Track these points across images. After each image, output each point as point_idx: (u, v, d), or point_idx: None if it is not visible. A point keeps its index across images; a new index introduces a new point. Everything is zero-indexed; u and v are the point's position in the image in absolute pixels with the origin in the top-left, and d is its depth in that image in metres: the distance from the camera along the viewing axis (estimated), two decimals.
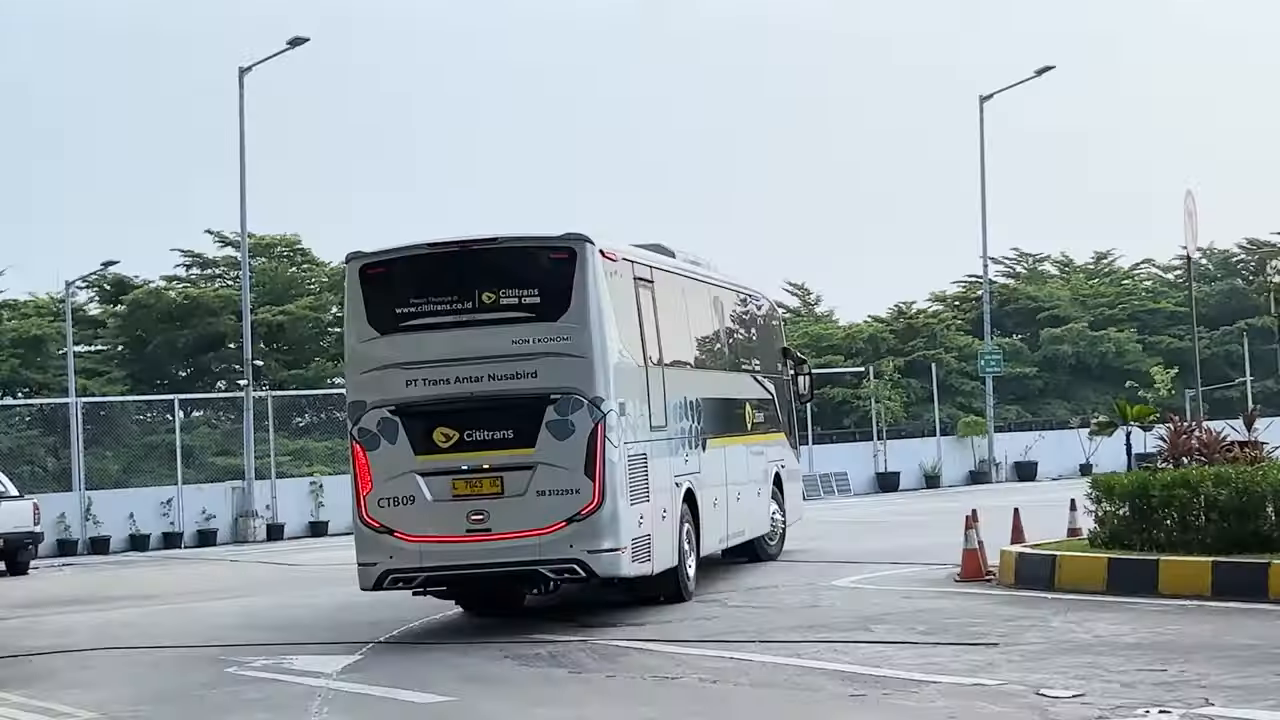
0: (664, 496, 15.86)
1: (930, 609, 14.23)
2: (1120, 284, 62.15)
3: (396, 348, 14.84)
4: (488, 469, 14.48)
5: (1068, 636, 11.92)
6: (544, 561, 14.49)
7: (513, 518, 14.40)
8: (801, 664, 11.28)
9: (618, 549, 14.50)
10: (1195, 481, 14.78)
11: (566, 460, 14.40)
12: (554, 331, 14.58)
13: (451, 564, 14.62)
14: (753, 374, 20.84)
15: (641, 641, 13.07)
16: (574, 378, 14.49)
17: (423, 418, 14.66)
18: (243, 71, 37.11)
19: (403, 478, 14.62)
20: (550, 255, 14.85)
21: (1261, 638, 11.25)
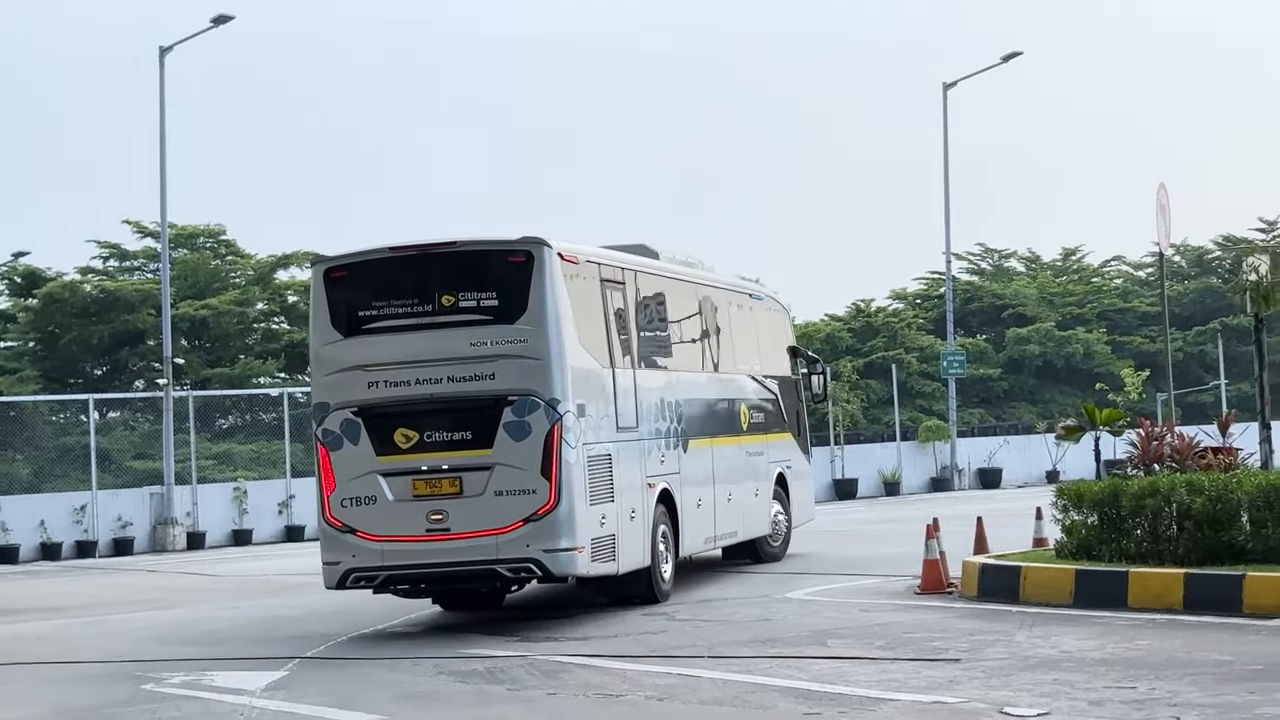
0: (633, 497, 16.66)
1: (889, 623, 14.26)
2: (1089, 282, 62.54)
3: (359, 350, 15.71)
4: (447, 469, 15.33)
5: (1033, 652, 11.96)
6: (501, 561, 15.27)
7: (471, 518, 15.23)
8: (753, 680, 11.28)
9: (574, 548, 15.26)
10: (1167, 489, 14.85)
11: (523, 461, 15.21)
12: (511, 334, 15.40)
13: (411, 563, 15.47)
14: (751, 374, 21.48)
15: (585, 657, 13.05)
16: (530, 379, 15.31)
17: (384, 419, 15.52)
18: (163, 51, 36.85)
19: (365, 478, 15.50)
20: (508, 258, 15.62)
21: (1235, 654, 11.31)
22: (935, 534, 16.74)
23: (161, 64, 36.85)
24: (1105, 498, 15.38)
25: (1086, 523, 15.65)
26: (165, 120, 36.83)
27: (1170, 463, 16.38)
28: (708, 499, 19.06)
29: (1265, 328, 19.39)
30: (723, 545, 20.28)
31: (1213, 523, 14.48)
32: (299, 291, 49.59)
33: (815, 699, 10.38)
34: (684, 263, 20.16)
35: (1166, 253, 21.27)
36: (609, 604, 16.98)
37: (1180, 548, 14.62)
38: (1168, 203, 19.82)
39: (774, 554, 21.79)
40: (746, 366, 21.39)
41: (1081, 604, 14.53)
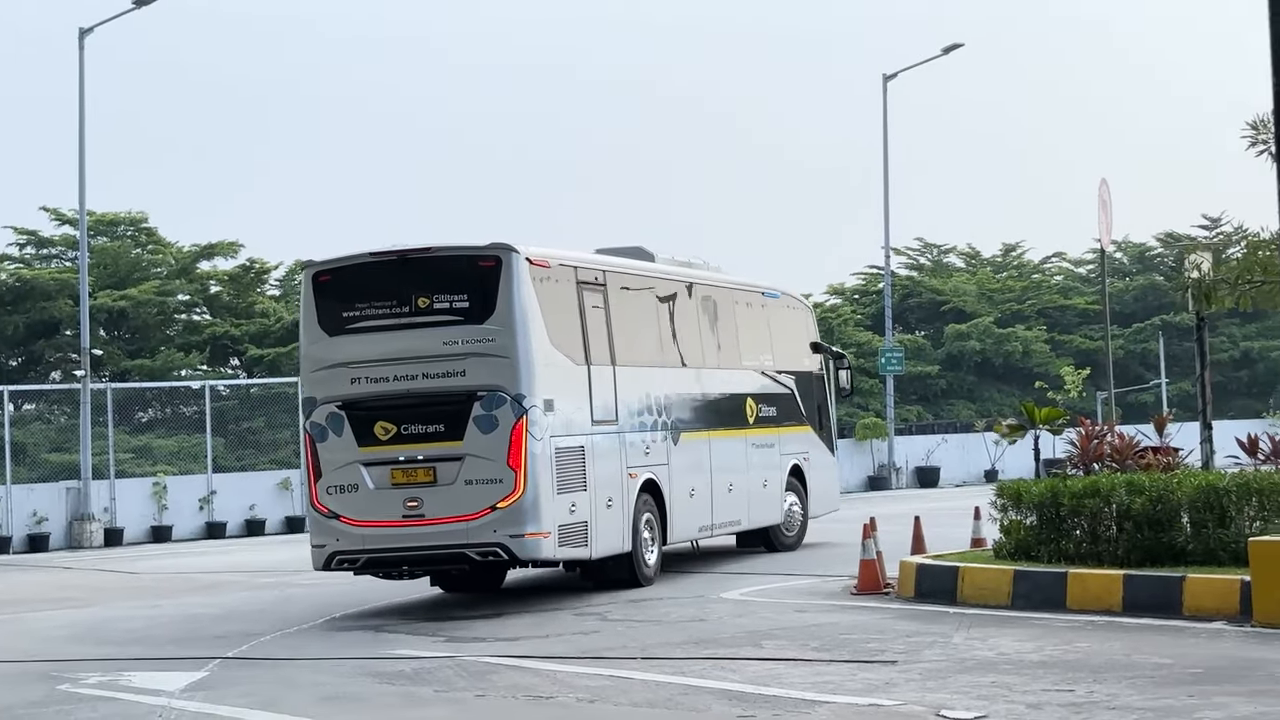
0: (610, 486, 18.08)
1: (824, 624, 14.30)
2: (1029, 278, 62.93)
3: (342, 348, 17.22)
4: (422, 460, 16.83)
5: (970, 654, 12.02)
6: (471, 545, 16.74)
7: (444, 504, 16.72)
8: (686, 682, 11.28)
9: (539, 534, 16.69)
10: (1107, 490, 14.96)
11: (491, 452, 16.65)
12: (480, 333, 16.81)
13: (389, 547, 16.98)
14: (761, 370, 22.60)
15: (515, 658, 13.02)
16: (498, 376, 16.72)
17: (365, 413, 17.05)
18: (83, 33, 36.50)
19: (348, 467, 17.08)
20: (478, 263, 17.00)
21: (1174, 656, 11.41)
22: (872, 533, 16.80)
23: (81, 46, 36.51)
24: (1044, 498, 15.47)
25: (1025, 523, 15.73)
26: (85, 104, 36.48)
27: (1110, 462, 16.49)
28: (702, 489, 20.23)
29: (1207, 326, 19.56)
30: (723, 533, 21.37)
31: (1153, 523, 14.59)
32: (222, 282, 49.27)
33: (749, 701, 10.39)
34: (684, 264, 21.42)
35: (1108, 249, 21.43)
36: (594, 589, 18.33)
37: (1120, 549, 14.73)
38: (1109, 198, 19.97)
39: (788, 543, 22.74)
40: (755, 362, 22.48)
41: (1020, 605, 14.61)
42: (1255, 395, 59.30)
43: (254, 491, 37.95)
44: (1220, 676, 10.47)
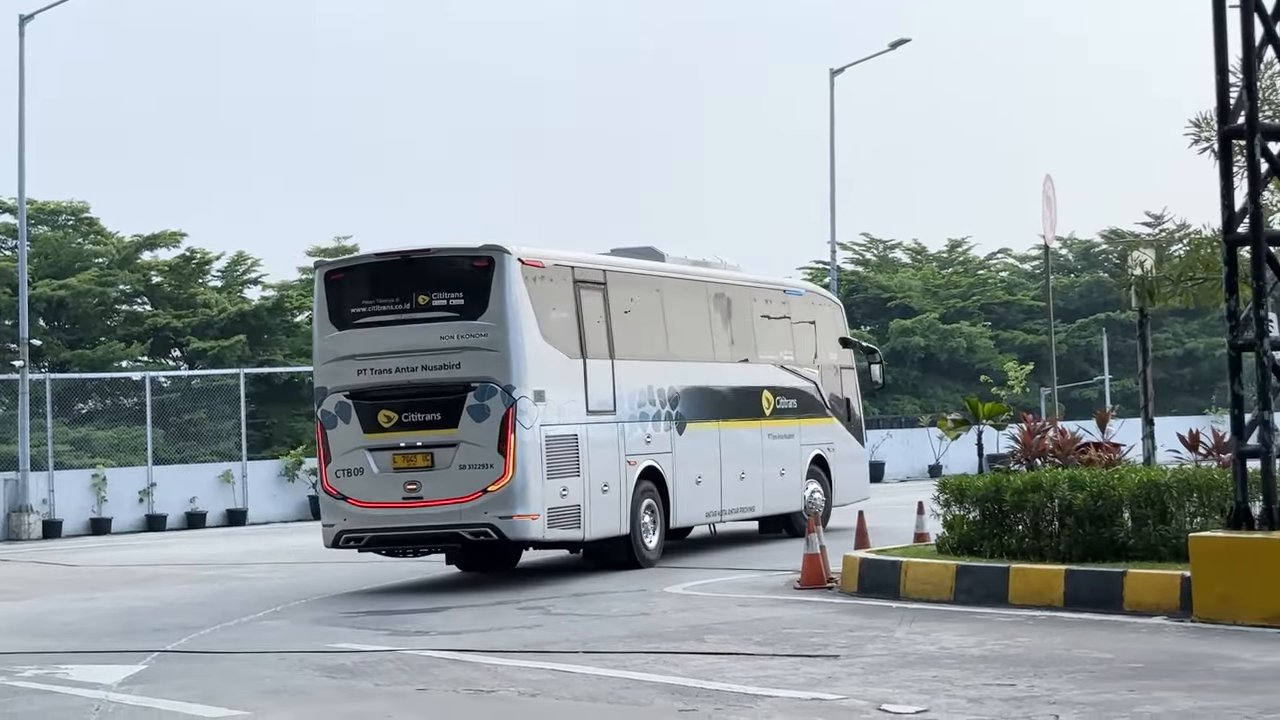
0: (606, 472, 19.31)
1: (767, 618, 14.34)
2: (975, 274, 63.22)
3: (350, 342, 18.69)
4: (420, 446, 18.23)
5: (912, 648, 12.07)
6: (464, 525, 18.12)
7: (440, 487, 18.14)
8: (629, 676, 11.29)
9: (527, 516, 18.05)
10: (1049, 485, 15.03)
11: (483, 439, 18.00)
12: (474, 329, 18.15)
13: (391, 526, 18.48)
14: (780, 364, 23.76)
15: (456, 652, 13.00)
16: (489, 368, 18.05)
17: (370, 402, 18.49)
18: (23, 20, 36.19)
19: (354, 453, 18.53)
20: (473, 263, 18.34)
21: (1115, 651, 11.48)
22: (816, 528, 16.85)
23: (21, 33, 36.20)
24: (987, 493, 15.54)
25: (968, 518, 15.80)
26: (25, 92, 36.20)
27: (1052, 458, 16.59)
28: (710, 477, 21.41)
29: (1150, 322, 19.70)
30: (735, 519, 22.49)
31: (1094, 519, 14.68)
32: (164, 273, 48.96)
33: (691, 695, 10.41)
34: (698, 263, 22.69)
35: (1052, 245, 21.56)
36: (595, 569, 19.75)
37: (1062, 544, 14.81)
38: (1054, 195, 20.10)
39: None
40: (774, 356, 23.70)
41: (962, 600, 14.68)
42: (1198, 392, 59.76)
43: (195, 484, 37.74)
44: (1160, 671, 10.55)
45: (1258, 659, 10.88)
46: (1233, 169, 13.31)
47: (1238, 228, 13.19)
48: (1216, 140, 14.06)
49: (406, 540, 18.76)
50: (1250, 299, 13.21)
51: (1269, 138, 13.31)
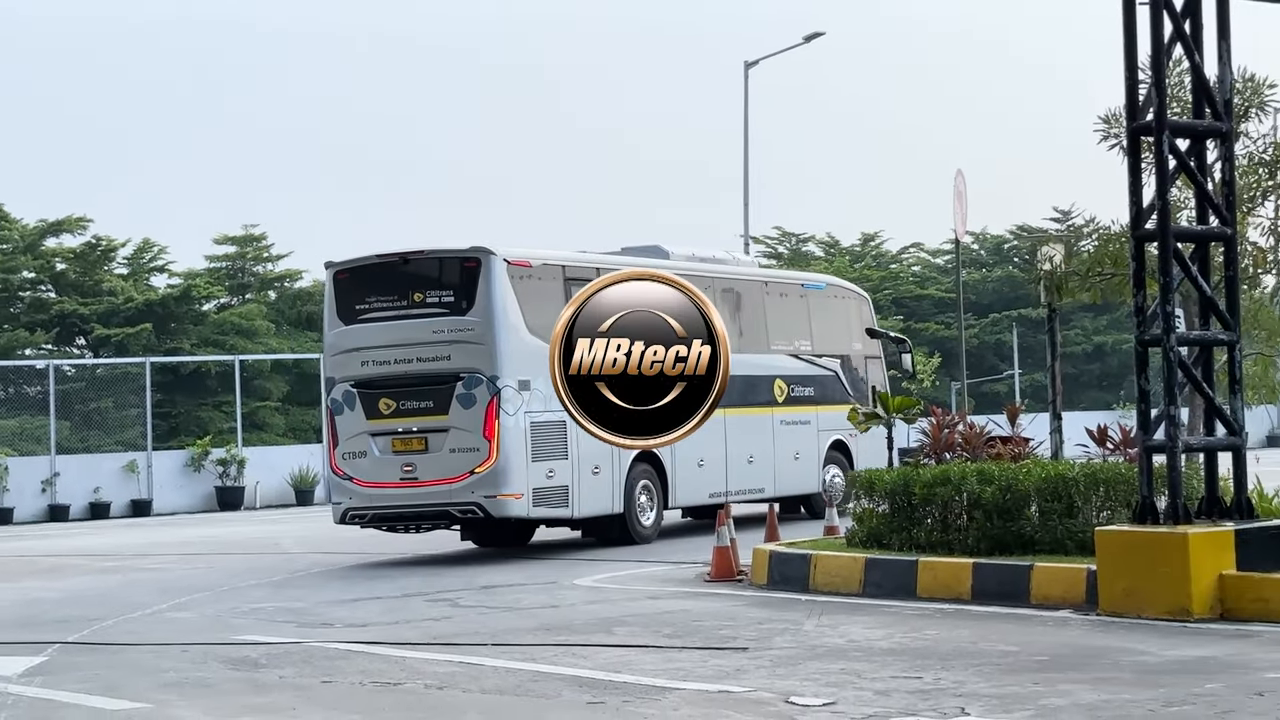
0: (597, 456, 20.66)
1: (677, 610, 14.38)
2: (887, 268, 63.58)
3: (355, 336, 20.73)
4: (416, 431, 20.21)
5: (821, 641, 12.14)
6: (453, 504, 20.05)
7: (433, 469, 20.07)
8: (537, 669, 11.29)
9: (511, 495, 19.94)
10: (958, 479, 15.15)
11: (470, 425, 19.90)
12: (463, 324, 20.09)
13: (390, 505, 20.46)
14: (794, 353, 25.18)
15: (363, 644, 12.94)
16: (476, 360, 19.97)
17: (372, 391, 20.50)
18: None
19: (358, 437, 20.60)
20: (463, 264, 20.28)
21: (1021, 644, 11.59)
22: (726, 520, 16.90)
23: None
24: (896, 486, 15.65)
25: (878, 511, 15.91)
26: None
27: (961, 452, 16.72)
28: (714, 460, 22.74)
29: (1059, 318, 19.89)
30: (742, 500, 23.35)
31: (1002, 513, 14.81)
32: (68, 259, 48.40)
33: (599, 688, 10.42)
34: (707, 259, 24.29)
35: (963, 239, 21.75)
36: (595, 545, 21.49)
37: (970, 537, 14.93)
38: (965, 189, 20.27)
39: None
40: (788, 346, 25.12)
41: (871, 593, 14.78)
42: (1106, 388, 60.37)
43: (99, 474, 37.35)
44: (1065, 664, 10.67)
45: (1162, 652, 11.01)
46: (1141, 165, 13.44)
47: (1146, 224, 13.34)
48: (1125, 137, 14.25)
49: (403, 517, 20.60)
50: (1158, 295, 13.37)
51: (1177, 134, 13.46)
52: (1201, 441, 13.75)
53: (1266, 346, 18.87)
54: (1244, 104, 17.20)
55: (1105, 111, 17.77)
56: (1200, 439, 13.89)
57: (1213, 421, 13.81)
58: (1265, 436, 53.51)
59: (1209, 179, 13.76)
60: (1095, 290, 18.97)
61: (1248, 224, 17.43)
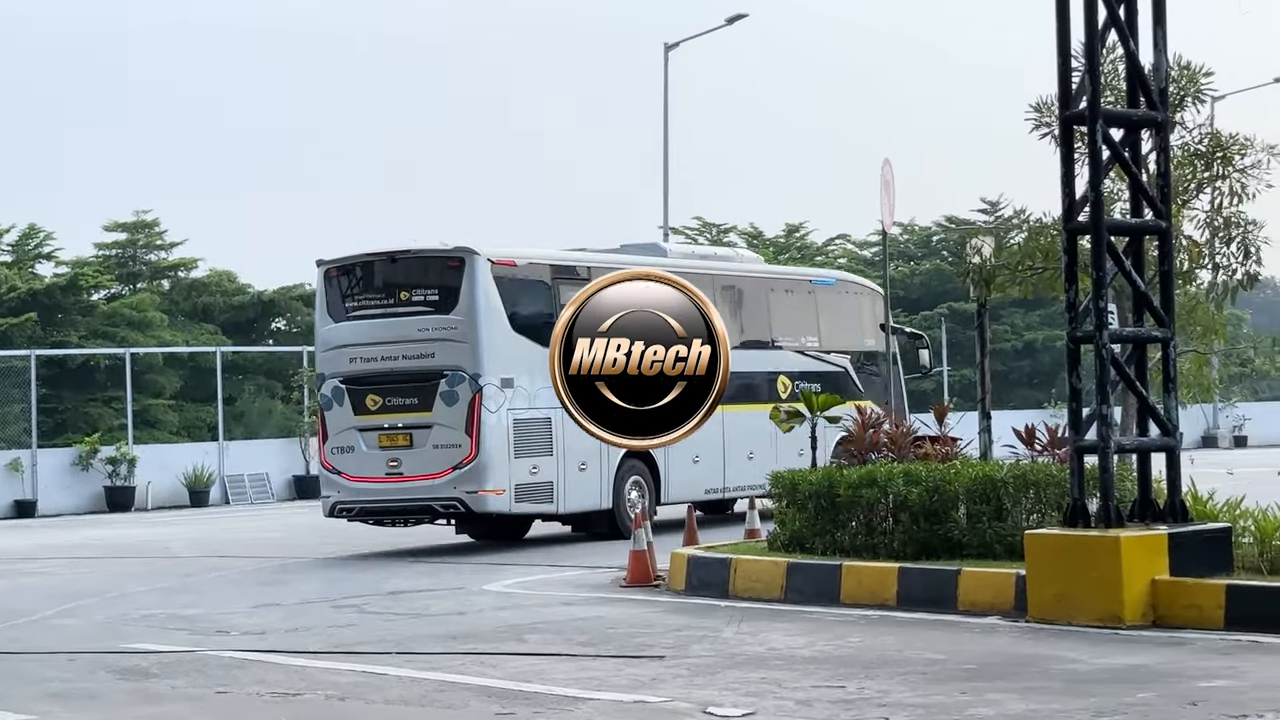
0: (584, 452, 21.71)
1: (591, 617, 14.39)
2: (813, 260, 63.80)
3: (344, 333, 22.03)
4: (401, 427, 21.47)
5: (740, 649, 12.18)
6: (436, 499, 21.37)
7: (417, 464, 21.37)
8: (444, 678, 11.26)
9: (492, 491, 21.16)
10: (884, 480, 15.21)
11: (453, 421, 21.17)
12: (447, 322, 21.31)
13: (376, 499, 21.81)
14: (800, 350, 26.17)
15: (261, 653, 12.87)
16: (459, 358, 21.21)
17: (360, 387, 21.82)
18: None
19: (347, 432, 21.93)
20: (447, 263, 21.54)
21: (947, 652, 11.68)
22: (643, 523, 16.93)
23: None
24: (820, 488, 15.69)
25: (801, 514, 15.95)
26: None
27: (887, 452, 16.80)
28: (710, 456, 23.71)
29: (988, 313, 20.04)
30: (741, 496, 24.11)
31: (929, 515, 14.88)
32: None
33: (509, 698, 10.41)
34: (708, 257, 26.12)
35: (890, 231, 21.86)
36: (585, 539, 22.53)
37: (896, 541, 14.99)
38: (892, 179, 20.34)
39: None
40: (794, 343, 26.16)
41: (793, 599, 14.84)
42: (1037, 386, 60.82)
43: None
44: (993, 673, 10.75)
45: (1092, 660, 11.12)
46: (1074, 156, 13.54)
47: (1078, 216, 13.44)
48: (1058, 126, 14.35)
49: (388, 512, 21.93)
50: (1090, 290, 13.49)
51: (1111, 124, 13.58)
52: (1134, 442, 13.88)
53: (1201, 344, 19.09)
54: (1180, 93, 17.40)
55: (1037, 99, 17.91)
56: (1133, 439, 14.01)
57: (1146, 421, 13.93)
58: (1200, 437, 54.05)
59: (1144, 170, 13.90)
60: (1026, 285, 19.12)
61: (1183, 217, 17.62)
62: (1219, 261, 17.87)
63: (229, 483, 39.32)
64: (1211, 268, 18.05)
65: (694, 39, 46.26)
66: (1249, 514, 13.71)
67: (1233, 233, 17.73)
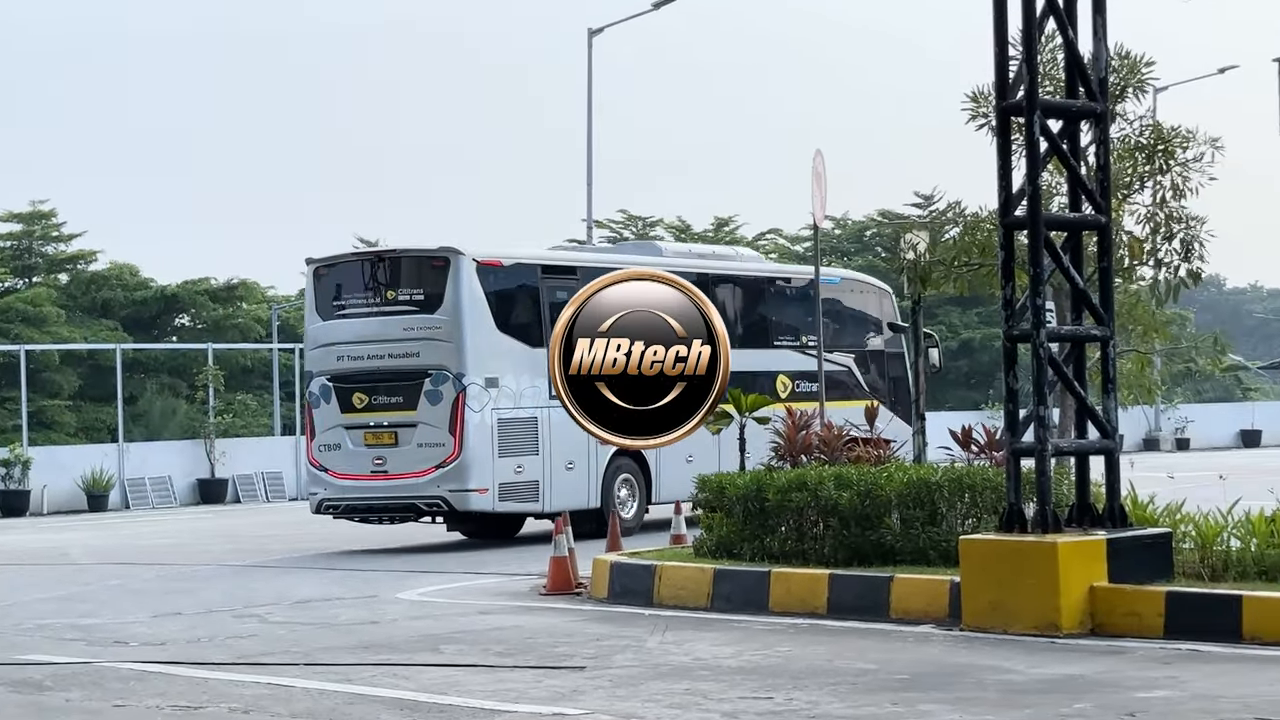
0: (572, 451, 22.94)
1: (510, 626, 14.39)
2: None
3: (332, 331, 23.26)
4: (386, 425, 22.69)
5: (665, 659, 12.19)
6: (419, 497, 22.54)
7: (402, 463, 22.56)
8: (354, 690, 11.22)
9: (475, 489, 22.29)
10: (814, 484, 15.25)
11: (437, 420, 22.31)
12: (431, 322, 22.44)
13: (361, 496, 23.05)
14: (800, 348, 27.14)
15: (162, 664, 12.78)
16: (443, 357, 22.37)
17: (347, 385, 23.02)
18: None
19: (333, 430, 23.11)
20: (432, 263, 22.75)
21: (879, 662, 11.72)
22: (564, 529, 16.91)
23: None
24: (748, 491, 15.72)
25: (728, 519, 15.96)
26: None
27: (819, 454, 16.85)
28: (705, 455, 23.51)
29: (924, 310, 20.15)
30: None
31: (861, 520, 14.92)
32: None
33: (423, 711, 10.39)
34: (706, 255, 26.90)
35: (822, 225, 21.91)
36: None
37: (826, 547, 15.04)
38: (824, 171, 20.37)
39: None
40: (795, 342, 27.12)
41: (720, 607, 14.85)
42: (974, 386, 61.23)
43: None
44: (926, 683, 10.81)
45: (1028, 670, 11.19)
46: (1011, 148, 13.59)
47: (1015, 210, 13.51)
48: (995, 117, 14.42)
49: (373, 509, 23.19)
50: (1028, 287, 13.55)
51: (1049, 115, 13.67)
52: (1072, 444, 13.98)
53: (1142, 343, 19.23)
54: (1121, 83, 17.54)
55: (974, 89, 18.00)
56: (1071, 441, 14.12)
57: (1085, 423, 14.04)
58: (1141, 440, 54.54)
59: (1083, 163, 14.01)
60: (962, 281, 19.23)
61: (1123, 212, 17.76)
62: (1160, 258, 18.02)
63: (129, 486, 39.06)
64: (1153, 264, 18.19)
65: (619, 24, 46.22)
66: (1190, 519, 13.83)
67: (1175, 228, 17.88)
